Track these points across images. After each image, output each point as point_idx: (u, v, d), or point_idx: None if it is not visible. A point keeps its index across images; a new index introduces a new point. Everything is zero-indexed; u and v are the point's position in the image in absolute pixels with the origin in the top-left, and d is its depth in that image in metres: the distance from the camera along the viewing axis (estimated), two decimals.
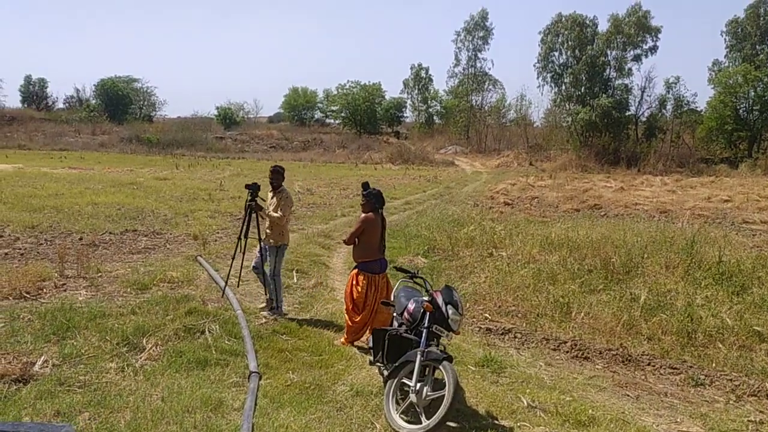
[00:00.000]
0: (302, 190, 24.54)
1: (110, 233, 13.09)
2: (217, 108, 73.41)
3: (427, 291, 5.42)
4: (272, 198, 8.02)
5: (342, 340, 6.86)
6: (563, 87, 54.19)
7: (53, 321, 6.69)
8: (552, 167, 46.37)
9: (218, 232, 13.91)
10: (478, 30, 68.87)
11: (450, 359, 4.77)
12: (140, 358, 5.96)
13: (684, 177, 38.29)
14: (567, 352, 7.12)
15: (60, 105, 74.95)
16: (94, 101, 71.21)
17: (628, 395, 5.95)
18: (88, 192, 19.55)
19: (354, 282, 6.76)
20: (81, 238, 12.24)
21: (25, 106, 72.11)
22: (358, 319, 6.67)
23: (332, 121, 79.27)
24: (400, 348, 5.18)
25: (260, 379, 5.54)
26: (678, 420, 5.43)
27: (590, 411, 5.26)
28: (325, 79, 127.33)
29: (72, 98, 74.58)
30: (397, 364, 4.96)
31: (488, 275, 10.38)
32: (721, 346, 7.22)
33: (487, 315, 8.46)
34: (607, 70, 51.94)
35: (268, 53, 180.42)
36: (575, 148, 51.10)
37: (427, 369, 4.86)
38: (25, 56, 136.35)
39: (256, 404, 4.92)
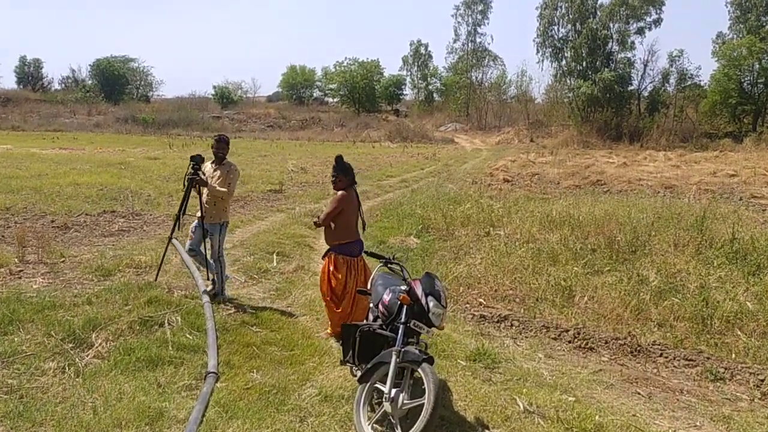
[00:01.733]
0: (296, 168, 23.79)
1: (86, 215, 12.38)
2: (215, 87, 72.38)
3: (404, 279, 4.64)
4: (214, 171, 7.18)
5: (328, 331, 6.16)
6: (564, 62, 53.06)
7: None
8: (553, 143, 45.55)
9: None
10: (477, 4, 67.62)
11: (431, 361, 4.02)
12: (86, 356, 5.25)
13: (688, 152, 37.48)
14: (569, 341, 6.40)
15: (56, 86, 73.90)
16: (90, 82, 70.14)
17: (639, 393, 5.22)
18: (73, 172, 18.81)
19: (332, 268, 5.97)
20: (53, 221, 11.52)
21: (21, 87, 71.07)
22: (340, 309, 5.94)
23: (331, 99, 78.17)
24: (374, 346, 4.40)
25: (217, 380, 4.80)
26: (698, 423, 4.72)
27: (596, 417, 4.52)
28: (324, 57, 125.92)
29: (68, 79, 73.52)
30: (369, 365, 4.20)
31: (484, 256, 9.66)
32: (740, 333, 6.51)
33: (482, 300, 7.74)
34: (610, 44, 50.74)
35: (266, 31, 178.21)
36: (576, 123, 50.14)
37: (405, 372, 4.11)
38: (20, 37, 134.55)
39: (204, 414, 4.18)
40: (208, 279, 7.30)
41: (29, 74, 73.47)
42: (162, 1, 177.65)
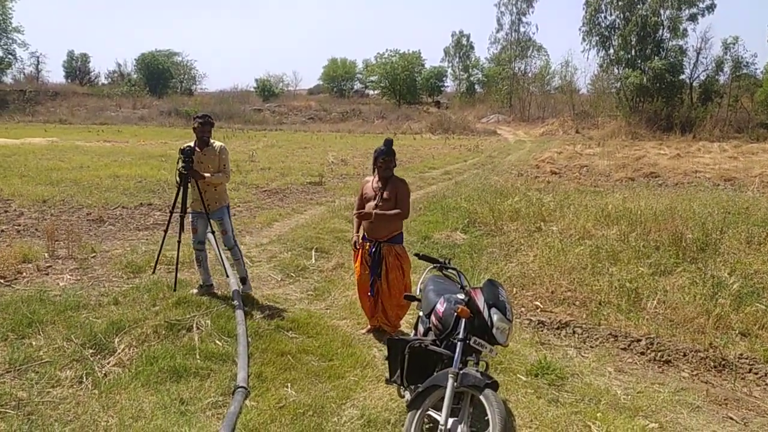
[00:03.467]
0: (336, 160, 23.32)
1: (123, 207, 12.09)
2: (256, 80, 72.59)
3: (462, 288, 3.95)
4: (202, 155, 6.53)
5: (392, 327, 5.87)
6: (611, 50, 51.29)
7: (15, 314, 5.58)
8: (600, 134, 44.11)
9: (239, 206, 12.77)
10: None
11: (494, 386, 3.36)
12: (107, 363, 4.78)
13: (743, 143, 35.79)
14: (642, 353, 5.67)
15: (103, 80, 75.19)
16: (135, 75, 71.10)
17: (732, 418, 4.48)
18: (114, 165, 18.70)
19: (402, 262, 5.65)
20: (89, 213, 11.24)
21: (69, 81, 72.43)
22: None
23: (371, 91, 77.61)
24: (426, 365, 3.76)
25: (246, 397, 4.26)
26: None
27: None
28: (365, 49, 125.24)
29: (114, 73, 74.69)
30: (421, 389, 3.56)
31: (537, 253, 8.95)
32: None
33: (539, 303, 7.05)
34: (660, 31, 48.80)
35: (308, 24, 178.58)
36: (625, 114, 48.44)
37: (464, 398, 3.46)
38: (68, 32, 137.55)
39: None
40: (202, 280, 6.75)
41: (77, 69, 74.86)
42: None
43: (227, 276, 6.94)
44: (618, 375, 5.20)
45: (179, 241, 6.71)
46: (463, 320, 3.57)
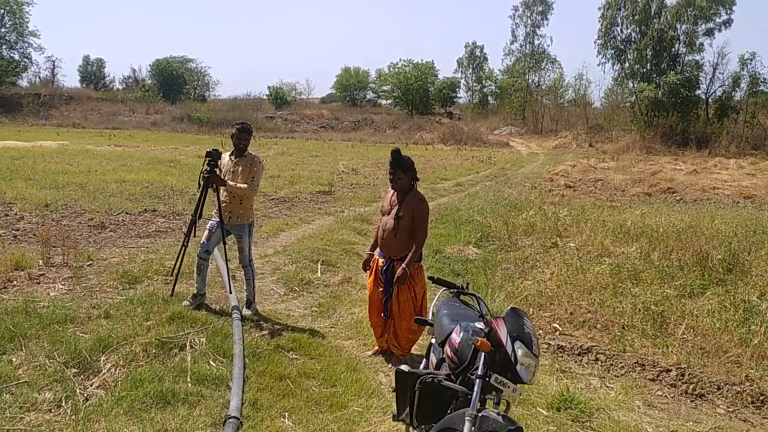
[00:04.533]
0: (346, 169, 22.97)
1: (126, 213, 11.77)
2: (269, 88, 72.57)
3: (482, 316, 3.41)
4: (234, 165, 6.26)
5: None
6: (626, 64, 50.79)
7: None
8: (614, 148, 43.58)
9: None
10: (537, 4, 65.74)
11: (518, 431, 2.92)
12: (90, 385, 4.39)
13: (760, 160, 35.17)
14: (672, 385, 5.21)
15: (117, 85, 75.50)
16: (149, 81, 71.31)
17: None
18: (121, 169, 18.44)
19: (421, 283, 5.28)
20: (91, 219, 10.92)
21: (84, 86, 72.75)
22: None
23: (384, 101, 77.40)
24: (439, 402, 3.31)
25: (238, 429, 3.84)
26: None
27: None
28: (378, 58, 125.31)
29: (129, 78, 75.00)
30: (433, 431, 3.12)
31: (554, 271, 8.52)
32: None
33: (557, 325, 6.62)
34: (676, 46, 48.28)
35: (322, 33, 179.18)
36: (639, 128, 47.84)
37: None
38: (84, 37, 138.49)
39: None
40: (196, 290, 6.35)
41: (92, 73, 75.19)
42: (221, 4, 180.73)
43: (229, 292, 6.49)
44: (648, 410, 4.74)
45: (185, 245, 6.35)
46: (483, 354, 3.09)
